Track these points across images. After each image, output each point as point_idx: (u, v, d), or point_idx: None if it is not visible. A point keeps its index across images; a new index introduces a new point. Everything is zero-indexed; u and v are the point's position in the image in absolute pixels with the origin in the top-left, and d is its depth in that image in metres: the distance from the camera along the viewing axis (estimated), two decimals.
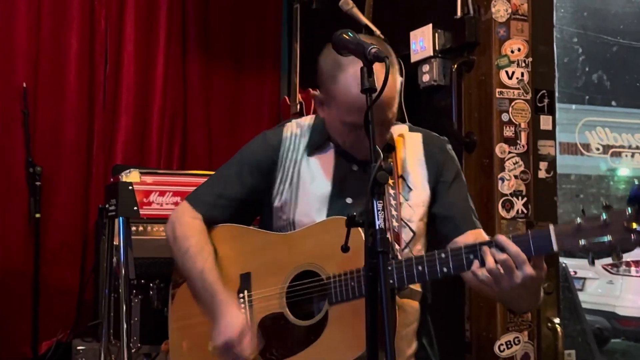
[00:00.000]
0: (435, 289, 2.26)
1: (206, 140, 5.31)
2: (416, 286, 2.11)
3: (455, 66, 3.65)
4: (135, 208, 3.69)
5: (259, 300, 2.12)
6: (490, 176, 3.48)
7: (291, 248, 2.10)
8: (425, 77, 3.74)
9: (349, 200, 2.13)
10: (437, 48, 3.72)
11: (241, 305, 2.13)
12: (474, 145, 3.58)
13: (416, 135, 2.24)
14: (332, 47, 1.85)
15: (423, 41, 3.77)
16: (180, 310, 2.29)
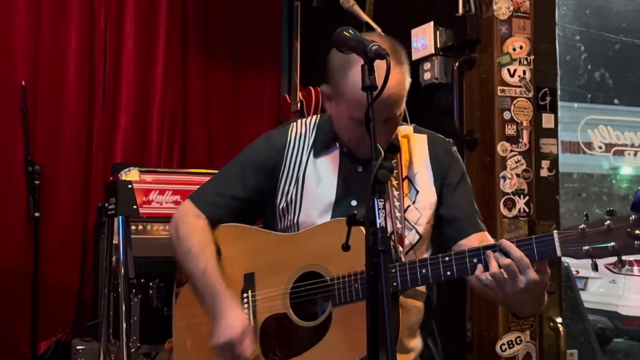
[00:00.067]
0: (436, 288, 2.26)
1: (206, 139, 5.28)
2: (420, 287, 2.11)
3: (457, 64, 3.63)
4: (134, 207, 3.67)
5: (262, 300, 2.13)
6: (492, 175, 3.47)
7: (295, 249, 2.10)
8: (427, 75, 3.73)
9: (354, 203, 2.14)
10: (438, 46, 3.71)
11: (245, 305, 2.14)
12: (476, 144, 3.57)
13: (421, 137, 2.25)
14: (333, 45, 1.84)
15: (424, 39, 3.76)
16: (185, 309, 2.29)
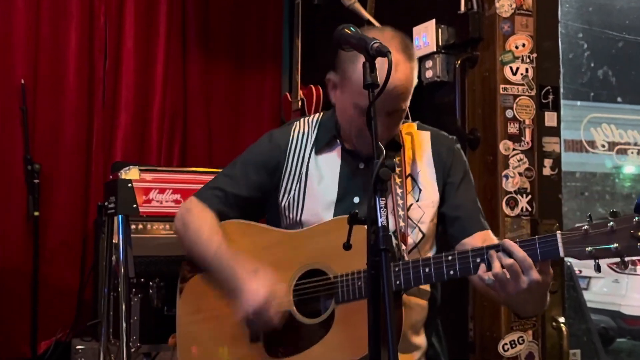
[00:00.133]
0: (440, 287, 2.26)
1: (206, 138, 5.27)
2: (424, 285, 2.10)
3: (459, 62, 3.62)
4: (134, 206, 3.67)
5: None
6: (494, 173, 3.46)
7: (298, 246, 2.11)
8: (429, 73, 3.73)
9: (356, 200, 2.14)
10: (440, 44, 3.70)
11: None
12: (478, 142, 3.56)
13: (424, 134, 2.24)
14: (334, 43, 1.85)
15: (426, 37, 3.75)
16: (189, 304, 2.29)
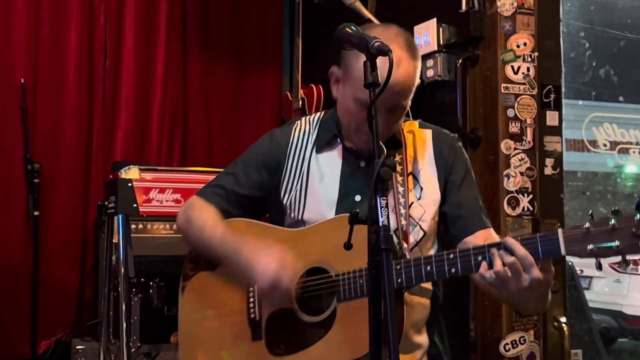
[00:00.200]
0: (442, 285, 2.26)
1: (206, 138, 5.26)
2: (426, 284, 2.11)
3: (460, 61, 3.62)
4: (134, 205, 3.67)
5: None
6: (496, 173, 3.46)
7: (300, 245, 2.11)
8: (430, 72, 3.72)
9: (358, 198, 2.14)
10: (441, 43, 3.70)
11: (250, 300, 2.15)
12: (479, 142, 3.56)
13: (426, 132, 2.24)
14: (334, 42, 1.84)
15: (427, 36, 3.75)
16: (191, 302, 2.30)
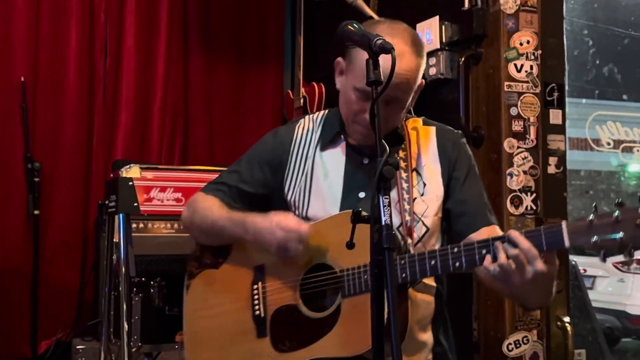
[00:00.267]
0: (446, 282, 2.25)
1: (207, 136, 5.26)
2: (430, 281, 2.11)
3: (463, 59, 3.62)
4: (135, 204, 3.67)
5: (272, 292, 2.15)
6: (499, 172, 3.45)
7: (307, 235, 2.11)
8: (432, 71, 3.71)
9: (362, 195, 2.14)
10: (444, 41, 3.70)
11: (255, 297, 2.16)
12: (482, 140, 3.55)
13: (430, 129, 2.25)
14: (336, 39, 1.84)
15: (430, 33, 3.74)
16: (196, 300, 2.31)
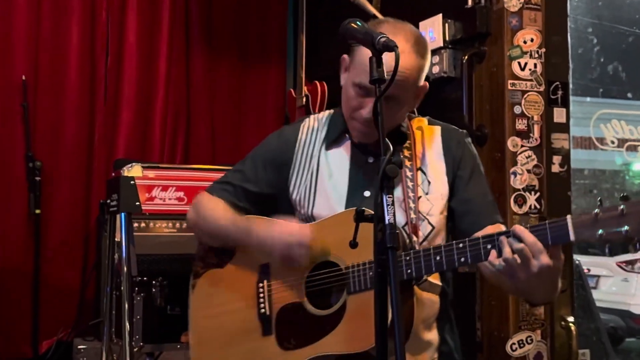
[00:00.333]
0: (452, 281, 2.25)
1: (210, 135, 5.25)
2: (435, 279, 2.11)
3: (466, 57, 3.61)
4: (137, 203, 3.67)
5: (278, 290, 2.16)
6: (502, 170, 3.44)
7: (309, 239, 2.11)
8: (435, 69, 3.71)
9: (367, 193, 2.15)
10: (447, 39, 3.68)
11: (260, 295, 2.17)
12: (485, 139, 3.54)
13: (435, 129, 2.26)
14: (339, 37, 1.84)
15: (433, 32, 3.73)
16: (201, 300, 2.31)
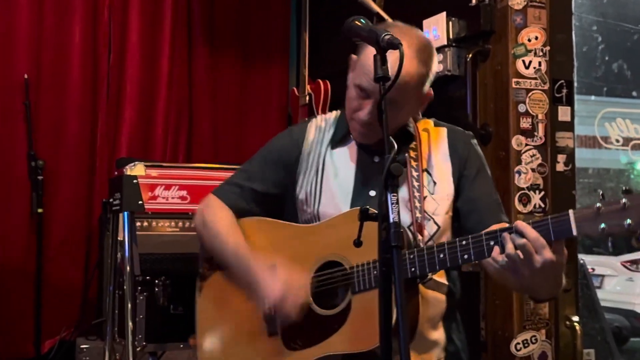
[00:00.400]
0: (459, 281, 2.24)
1: (212, 133, 5.26)
2: (442, 278, 2.12)
3: (470, 55, 3.59)
4: (140, 202, 3.68)
5: None
6: (507, 169, 3.43)
7: (315, 239, 2.14)
8: (439, 67, 3.67)
9: (372, 193, 2.15)
10: (451, 37, 3.67)
11: None
12: (490, 137, 3.52)
13: (441, 130, 2.27)
14: (342, 35, 1.84)
15: (437, 30, 3.72)
16: (208, 302, 2.31)
